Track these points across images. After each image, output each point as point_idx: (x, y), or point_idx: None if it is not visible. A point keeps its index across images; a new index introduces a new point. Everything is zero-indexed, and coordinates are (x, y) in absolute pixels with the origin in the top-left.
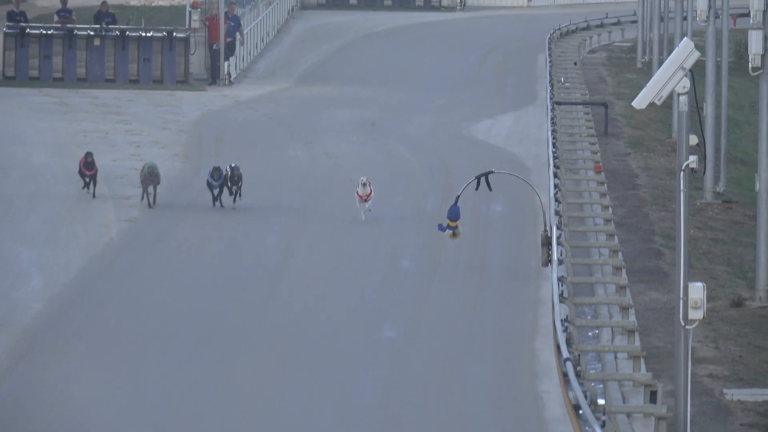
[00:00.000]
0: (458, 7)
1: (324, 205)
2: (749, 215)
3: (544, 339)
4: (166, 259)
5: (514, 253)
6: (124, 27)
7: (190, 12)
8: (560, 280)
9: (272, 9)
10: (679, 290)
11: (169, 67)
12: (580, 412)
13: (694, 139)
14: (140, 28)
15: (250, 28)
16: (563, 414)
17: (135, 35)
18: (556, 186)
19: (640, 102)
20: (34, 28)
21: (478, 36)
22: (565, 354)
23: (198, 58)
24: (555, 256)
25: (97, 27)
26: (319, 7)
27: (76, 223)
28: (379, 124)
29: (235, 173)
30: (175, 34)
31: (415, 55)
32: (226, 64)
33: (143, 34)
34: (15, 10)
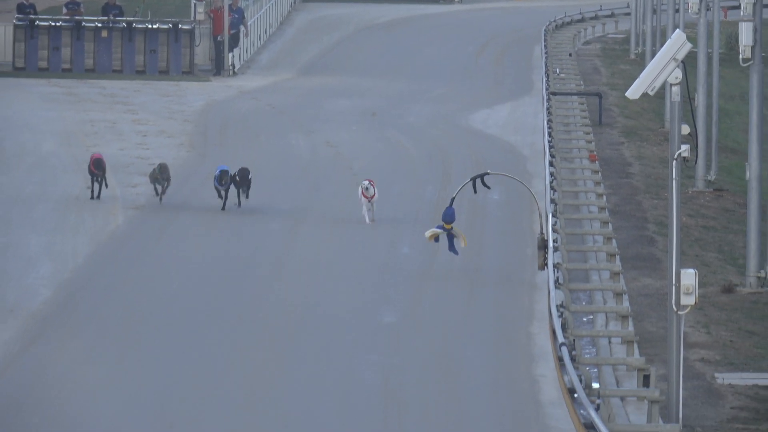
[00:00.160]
0: (457, 0)
1: (325, 192)
2: (740, 203)
3: (540, 324)
4: (171, 245)
5: (510, 240)
6: (131, 19)
7: (195, 4)
8: (556, 267)
9: (275, 1)
10: (672, 276)
11: (174, 58)
12: (575, 395)
13: (686, 129)
14: (146, 20)
15: (254, 20)
16: (558, 397)
17: (141, 27)
18: (551, 174)
19: (634, 92)
20: (44, 20)
21: (476, 28)
22: (561, 339)
23: (203, 49)
24: (551, 258)
25: (105, 19)
26: None
27: (83, 211)
28: (379, 114)
29: (245, 176)
30: (180, 26)
31: (414, 47)
32: (231, 55)
33: (149, 26)
34: (25, 2)
